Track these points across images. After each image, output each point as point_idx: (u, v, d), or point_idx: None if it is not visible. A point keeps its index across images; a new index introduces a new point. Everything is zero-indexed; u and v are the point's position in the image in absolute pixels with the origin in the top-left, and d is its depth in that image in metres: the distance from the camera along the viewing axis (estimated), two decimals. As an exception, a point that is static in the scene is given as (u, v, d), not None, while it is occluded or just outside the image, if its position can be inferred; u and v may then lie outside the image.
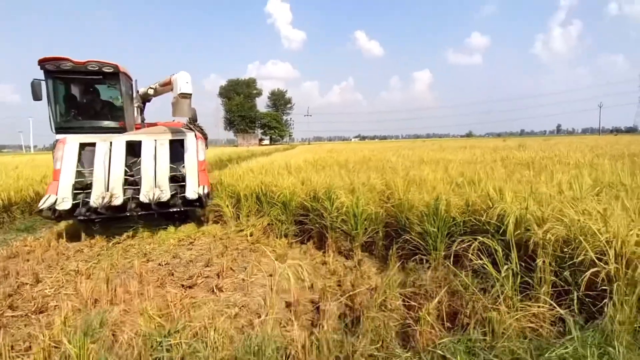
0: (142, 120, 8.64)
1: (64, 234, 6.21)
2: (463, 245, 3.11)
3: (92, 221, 6.40)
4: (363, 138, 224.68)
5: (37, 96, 6.35)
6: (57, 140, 6.30)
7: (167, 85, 7.06)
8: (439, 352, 2.11)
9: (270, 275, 4.29)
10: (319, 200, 5.44)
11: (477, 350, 2.08)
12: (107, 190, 5.86)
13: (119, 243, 5.72)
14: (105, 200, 5.57)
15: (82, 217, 5.69)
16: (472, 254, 2.80)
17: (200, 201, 6.09)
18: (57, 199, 5.61)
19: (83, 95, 7.52)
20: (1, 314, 3.39)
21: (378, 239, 4.90)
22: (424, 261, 3.84)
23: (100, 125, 7.16)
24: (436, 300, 2.61)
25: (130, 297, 3.46)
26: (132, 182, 6.24)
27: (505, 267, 2.57)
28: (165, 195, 5.89)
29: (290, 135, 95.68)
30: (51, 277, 4.40)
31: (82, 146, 6.31)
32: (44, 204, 5.46)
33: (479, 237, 2.95)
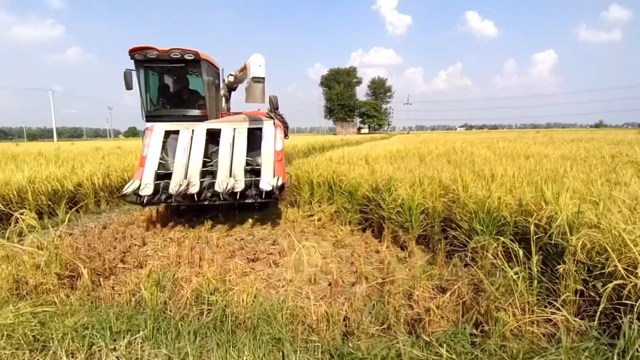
0: (228, 109, 8.67)
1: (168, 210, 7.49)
2: (493, 245, 3.08)
3: (177, 207, 6.66)
4: (470, 127, 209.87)
5: (128, 85, 6.56)
6: (146, 128, 6.55)
7: (244, 71, 6.80)
8: (429, 339, 2.27)
9: (324, 258, 4.71)
10: (379, 192, 5.64)
11: (465, 344, 2.19)
12: (186, 178, 5.87)
13: (206, 220, 6.71)
14: (182, 187, 5.57)
15: (163, 203, 5.83)
16: (491, 254, 2.80)
17: (274, 193, 5.75)
18: (140, 184, 5.76)
19: (168, 84, 7.67)
20: (115, 265, 4.41)
21: (434, 233, 4.93)
22: (471, 258, 3.83)
23: (185, 113, 7.16)
24: (448, 294, 2.72)
25: (202, 262, 4.19)
26: (212, 171, 6.27)
27: (516, 269, 2.54)
28: (240, 186, 5.73)
29: (389, 124, 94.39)
30: (154, 241, 5.47)
31: (167, 134, 6.52)
32: (128, 188, 5.60)
33: (501, 238, 2.91)
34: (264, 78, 5.91)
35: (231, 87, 8.68)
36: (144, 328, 2.39)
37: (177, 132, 6.47)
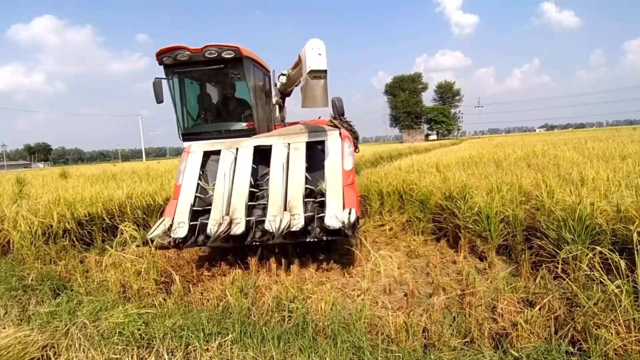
0: (282, 119, 7.28)
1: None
2: (588, 255, 2.82)
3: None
4: (552, 127, 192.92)
5: (158, 97, 5.41)
6: (184, 149, 5.36)
7: (299, 65, 5.23)
8: (519, 355, 2.14)
9: (399, 268, 4.65)
10: (453, 200, 5.44)
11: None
12: (228, 214, 4.42)
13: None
14: (222, 227, 4.16)
15: (201, 246, 4.62)
16: (586, 265, 2.56)
17: (343, 231, 4.06)
18: (172, 223, 4.45)
19: (207, 92, 6.44)
20: (201, 273, 4.78)
21: (516, 243, 4.62)
22: (561, 270, 3.53)
23: (228, 127, 5.92)
24: (537, 308, 2.54)
25: (279, 270, 4.38)
26: (261, 201, 4.80)
27: (617, 282, 2.30)
28: (298, 223, 4.19)
29: (458, 129, 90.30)
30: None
31: (207, 155, 5.21)
32: (156, 230, 4.29)
33: (597, 248, 2.65)
34: (325, 71, 4.24)
35: (285, 92, 7.30)
36: (232, 331, 2.57)
37: (217, 153, 5.10)
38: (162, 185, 9.05)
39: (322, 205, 4.54)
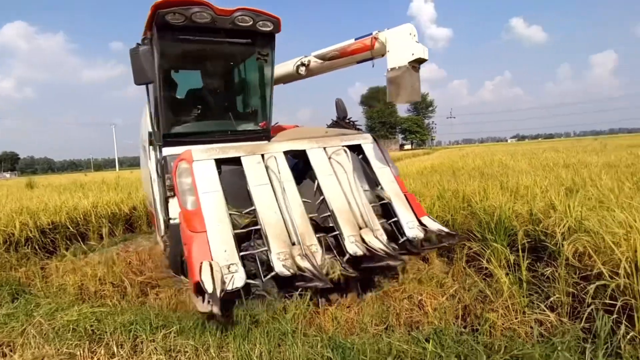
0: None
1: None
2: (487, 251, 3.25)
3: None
4: (523, 138, 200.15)
5: (145, 74, 3.56)
6: (165, 159, 3.84)
7: (357, 53, 4.31)
8: (416, 335, 2.53)
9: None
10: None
11: (448, 340, 2.42)
12: (297, 242, 3.21)
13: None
14: (306, 262, 2.99)
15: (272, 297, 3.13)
16: (485, 260, 2.99)
17: (430, 241, 3.57)
18: (219, 270, 2.82)
19: (210, 76, 4.86)
20: (163, 277, 5.00)
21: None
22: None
23: (234, 128, 4.53)
24: (444, 297, 2.94)
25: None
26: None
27: (500, 273, 2.73)
28: (383, 239, 3.42)
29: (432, 139, 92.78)
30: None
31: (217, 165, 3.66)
32: (209, 283, 2.66)
33: (494, 245, 3.09)
34: (426, 60, 3.71)
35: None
36: (177, 324, 2.85)
37: (232, 162, 3.68)
38: (130, 195, 9.17)
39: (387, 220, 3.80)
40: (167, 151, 3.85)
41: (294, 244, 3.18)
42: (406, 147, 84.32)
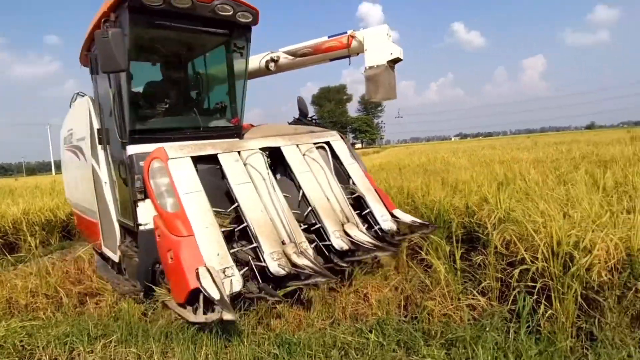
0: None
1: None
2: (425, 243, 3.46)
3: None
4: (465, 136, 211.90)
5: (112, 63, 3.04)
6: (131, 157, 3.44)
7: (332, 50, 4.45)
8: (360, 327, 2.64)
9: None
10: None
11: (389, 329, 2.56)
12: (288, 240, 3.17)
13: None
14: (304, 260, 2.97)
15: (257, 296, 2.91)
16: (424, 252, 3.19)
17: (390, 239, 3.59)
18: (217, 275, 2.69)
19: (181, 68, 4.68)
20: (103, 286, 4.74)
21: (400, 239, 5.30)
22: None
23: (207, 124, 4.33)
24: (386, 290, 3.09)
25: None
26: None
27: (438, 262, 2.93)
28: (364, 231, 3.54)
29: (381, 138, 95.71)
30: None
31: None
32: (210, 290, 2.51)
33: (433, 237, 3.31)
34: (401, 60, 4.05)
35: None
36: (118, 332, 2.74)
37: (206, 160, 3.53)
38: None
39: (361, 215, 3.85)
40: (132, 149, 3.46)
41: (283, 242, 3.12)
42: (357, 146, 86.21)
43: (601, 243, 2.55)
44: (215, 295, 2.44)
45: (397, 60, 4.01)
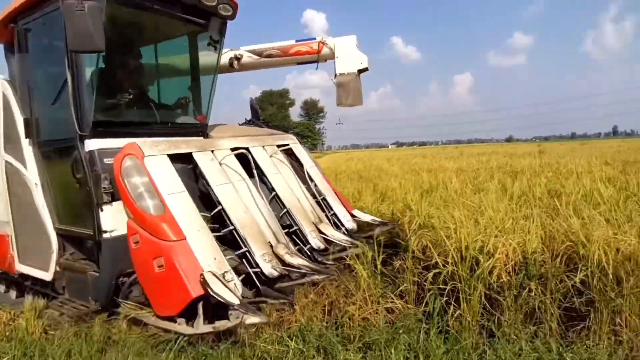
0: None
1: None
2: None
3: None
4: (401, 145, 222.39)
5: (86, 41, 2.65)
6: (91, 153, 3.02)
7: (301, 54, 4.58)
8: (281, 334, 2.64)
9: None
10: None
11: (310, 336, 2.60)
12: (269, 240, 3.17)
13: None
14: (300, 260, 3.11)
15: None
16: (348, 258, 3.29)
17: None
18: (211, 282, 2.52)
19: (150, 58, 4.30)
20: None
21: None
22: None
23: (173, 119, 4.10)
24: (311, 295, 3.12)
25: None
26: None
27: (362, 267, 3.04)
28: (338, 232, 3.75)
29: (323, 144, 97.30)
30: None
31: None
32: (221, 294, 2.44)
33: (358, 242, 3.44)
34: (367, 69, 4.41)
35: None
36: (9, 354, 2.46)
37: (181, 160, 3.30)
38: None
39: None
40: (93, 144, 3.04)
41: (270, 243, 3.11)
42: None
43: (502, 247, 2.81)
44: (234, 300, 2.39)
45: (364, 70, 4.32)
